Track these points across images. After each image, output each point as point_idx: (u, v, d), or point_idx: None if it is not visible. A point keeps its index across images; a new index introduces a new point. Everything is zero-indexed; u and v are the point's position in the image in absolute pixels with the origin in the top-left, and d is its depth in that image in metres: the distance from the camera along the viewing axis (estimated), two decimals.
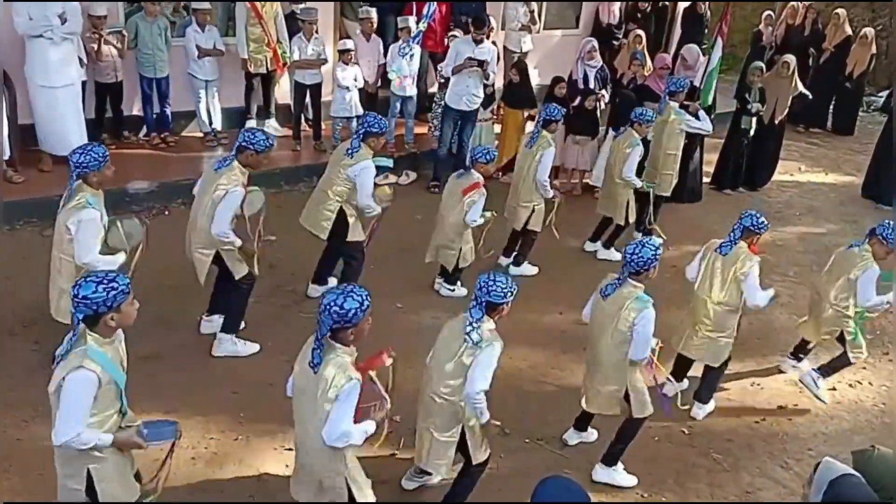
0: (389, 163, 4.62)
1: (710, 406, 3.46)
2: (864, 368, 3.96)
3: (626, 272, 2.68)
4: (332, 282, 3.94)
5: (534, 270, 4.45)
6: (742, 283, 3.12)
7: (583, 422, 3.14)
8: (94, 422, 1.96)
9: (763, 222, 3.20)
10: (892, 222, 3.40)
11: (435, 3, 5.45)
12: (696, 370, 3.54)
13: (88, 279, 1.94)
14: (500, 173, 5.79)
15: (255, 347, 3.48)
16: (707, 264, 3.23)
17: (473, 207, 3.82)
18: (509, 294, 2.40)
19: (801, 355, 3.84)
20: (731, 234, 3.21)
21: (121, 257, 2.95)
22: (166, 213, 4.79)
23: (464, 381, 2.42)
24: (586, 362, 2.95)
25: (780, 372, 3.87)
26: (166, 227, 4.36)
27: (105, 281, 1.93)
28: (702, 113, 5.05)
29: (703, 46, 5.83)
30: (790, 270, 4.96)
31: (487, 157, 3.84)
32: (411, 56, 5.46)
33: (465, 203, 3.82)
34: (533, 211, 4.26)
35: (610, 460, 2.97)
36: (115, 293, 1.93)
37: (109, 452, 2.02)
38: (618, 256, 4.66)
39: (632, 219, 4.68)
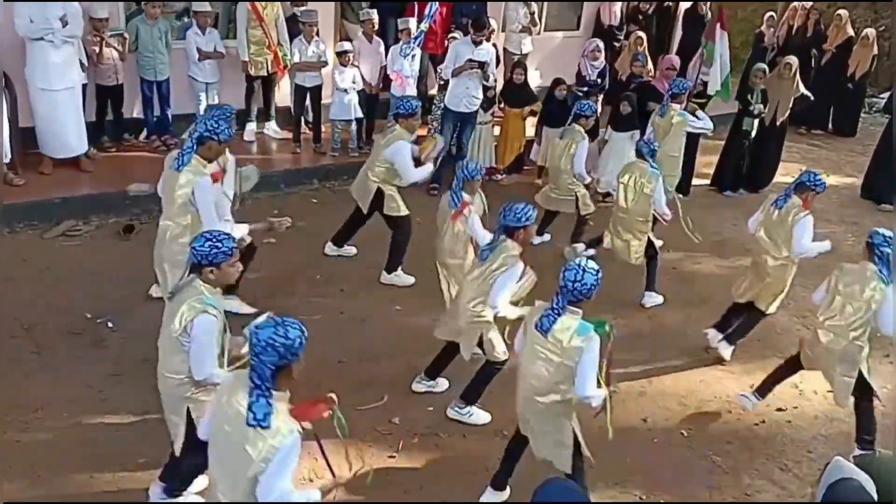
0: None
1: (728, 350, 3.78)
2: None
3: (563, 300, 2.39)
4: (351, 250, 4.27)
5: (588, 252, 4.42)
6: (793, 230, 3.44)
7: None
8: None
9: (821, 180, 3.49)
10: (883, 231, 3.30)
11: (437, 3, 5.48)
12: None
13: (203, 234, 2.23)
14: (503, 174, 5.85)
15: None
16: (766, 219, 3.60)
17: (474, 227, 3.42)
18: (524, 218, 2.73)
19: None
20: (787, 189, 3.55)
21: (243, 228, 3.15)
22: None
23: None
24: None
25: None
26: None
27: (218, 238, 2.21)
28: (700, 112, 5.08)
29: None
30: None
31: (479, 173, 3.44)
32: (413, 57, 5.51)
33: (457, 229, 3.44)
34: (577, 198, 4.48)
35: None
36: (228, 241, 2.22)
37: (206, 394, 2.27)
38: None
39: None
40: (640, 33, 6.14)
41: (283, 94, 5.83)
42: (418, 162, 3.95)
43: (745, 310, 3.79)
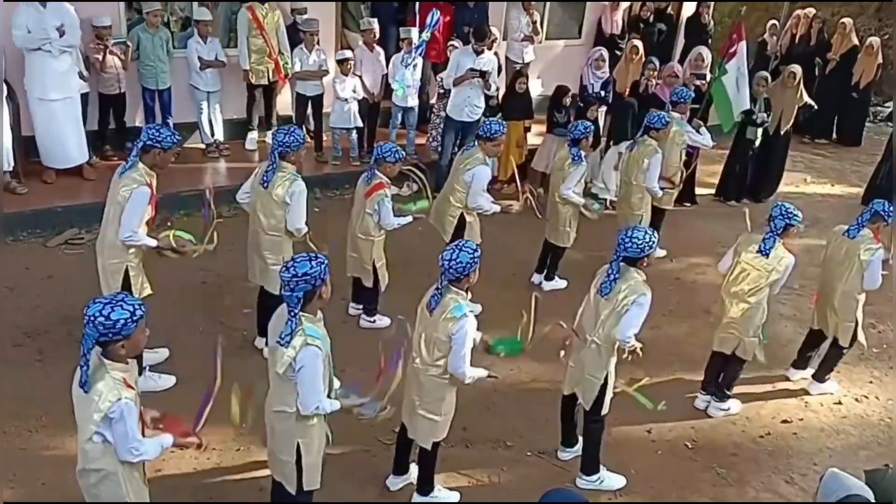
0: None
1: (831, 385, 3.83)
2: (871, 383, 4.02)
3: (444, 280, 2.51)
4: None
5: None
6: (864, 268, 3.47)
7: (569, 436, 3.18)
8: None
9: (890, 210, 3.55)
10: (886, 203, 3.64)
11: (439, 12, 5.58)
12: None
13: (297, 259, 2.20)
14: (504, 185, 5.92)
15: (171, 381, 3.29)
16: (833, 249, 3.60)
17: (383, 211, 3.55)
18: (647, 247, 2.74)
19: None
20: (859, 219, 3.56)
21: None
22: (168, 224, 4.90)
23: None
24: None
25: (787, 379, 3.95)
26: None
27: (313, 257, 2.22)
28: (704, 129, 5.14)
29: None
30: (795, 283, 4.98)
31: (396, 155, 3.57)
32: (414, 66, 5.61)
33: (368, 206, 3.56)
34: (641, 220, 4.44)
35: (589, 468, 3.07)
36: (325, 266, 2.22)
37: (317, 426, 2.35)
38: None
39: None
40: (637, 42, 6.21)
41: (284, 103, 5.93)
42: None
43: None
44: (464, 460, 3.14)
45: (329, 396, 2.33)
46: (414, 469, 2.93)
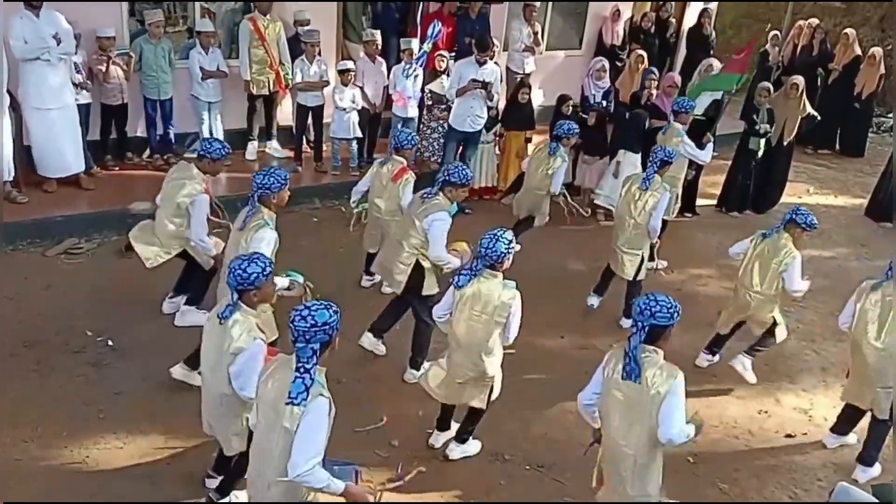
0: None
1: (877, 470, 3.33)
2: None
3: (481, 264, 2.83)
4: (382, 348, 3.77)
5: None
6: None
7: (444, 421, 3.22)
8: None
9: (814, 223, 3.53)
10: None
11: (440, 24, 5.66)
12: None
13: (314, 308, 2.01)
14: (503, 196, 5.96)
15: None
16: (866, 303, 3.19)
17: (405, 195, 3.86)
18: (676, 314, 2.27)
19: (716, 349, 4.04)
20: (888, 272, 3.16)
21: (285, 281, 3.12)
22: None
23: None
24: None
25: (790, 393, 3.94)
26: None
27: (329, 305, 2.05)
28: (710, 145, 5.12)
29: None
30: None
31: (412, 142, 3.99)
32: (415, 77, 5.68)
33: (397, 189, 3.89)
34: (642, 260, 4.12)
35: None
36: (340, 314, 2.06)
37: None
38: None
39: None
40: (641, 52, 6.29)
41: (284, 113, 6.00)
42: None
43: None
44: (461, 472, 3.15)
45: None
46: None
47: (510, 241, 2.80)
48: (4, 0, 4.24)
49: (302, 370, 1.98)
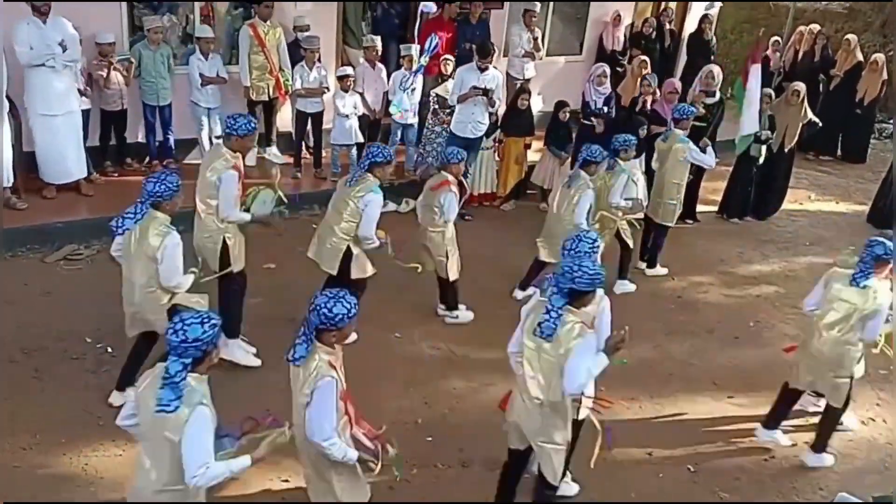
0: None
1: (828, 460, 3.44)
2: (878, 405, 4.03)
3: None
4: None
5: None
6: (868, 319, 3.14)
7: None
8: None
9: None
10: None
11: (437, 38, 5.64)
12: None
13: (188, 321, 2.02)
14: (502, 202, 6.00)
15: (258, 361, 3.66)
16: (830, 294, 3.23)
17: (449, 205, 3.96)
18: (597, 281, 2.40)
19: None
20: (862, 265, 3.18)
21: (190, 278, 3.16)
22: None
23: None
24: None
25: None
26: None
27: (205, 319, 2.06)
28: (710, 149, 5.17)
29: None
30: (799, 302, 5.04)
31: (458, 156, 4.03)
32: (412, 90, 5.67)
33: (434, 200, 3.98)
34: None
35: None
36: (217, 328, 2.08)
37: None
38: (632, 287, 4.81)
39: (630, 242, 4.72)
40: (644, 57, 6.34)
41: (284, 119, 6.05)
42: None
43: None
44: (460, 481, 3.17)
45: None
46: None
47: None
48: (8, 0, 4.27)
49: (171, 382, 2.01)
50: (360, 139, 5.77)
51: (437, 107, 5.80)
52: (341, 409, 2.32)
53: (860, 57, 7.82)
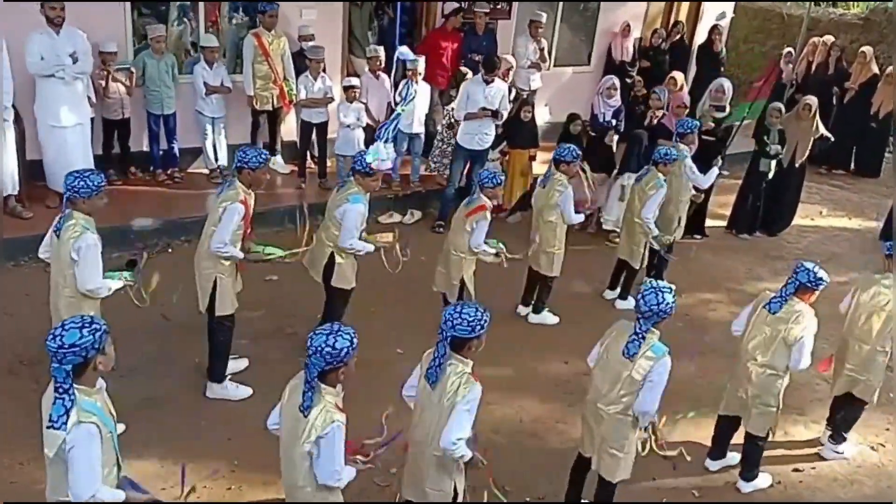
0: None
1: (764, 481, 3.45)
2: (888, 430, 4.01)
3: (645, 323, 2.70)
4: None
5: (555, 319, 4.61)
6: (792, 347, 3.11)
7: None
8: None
9: (821, 278, 3.12)
10: None
11: (413, 90, 5.47)
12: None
13: (67, 326, 2.00)
14: (508, 214, 6.01)
15: (248, 391, 3.63)
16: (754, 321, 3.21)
17: (477, 231, 3.89)
18: (479, 327, 2.35)
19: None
20: (783, 290, 3.16)
21: (113, 284, 3.10)
22: (169, 250, 5.04)
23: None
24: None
25: (797, 424, 3.93)
26: (168, 264, 4.59)
27: (86, 323, 2.01)
28: (713, 170, 5.14)
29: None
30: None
31: (494, 181, 3.90)
32: (389, 140, 5.50)
33: (467, 224, 3.93)
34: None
35: None
36: (100, 333, 2.02)
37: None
38: (632, 303, 4.81)
39: (645, 262, 4.79)
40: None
41: (288, 129, 6.11)
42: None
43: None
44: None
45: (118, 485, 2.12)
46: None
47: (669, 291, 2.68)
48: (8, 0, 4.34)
49: (60, 391, 1.96)
50: (364, 149, 5.81)
51: (453, 121, 5.84)
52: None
53: (876, 69, 7.79)
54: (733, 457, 3.55)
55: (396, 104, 5.49)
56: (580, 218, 4.51)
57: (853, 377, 3.55)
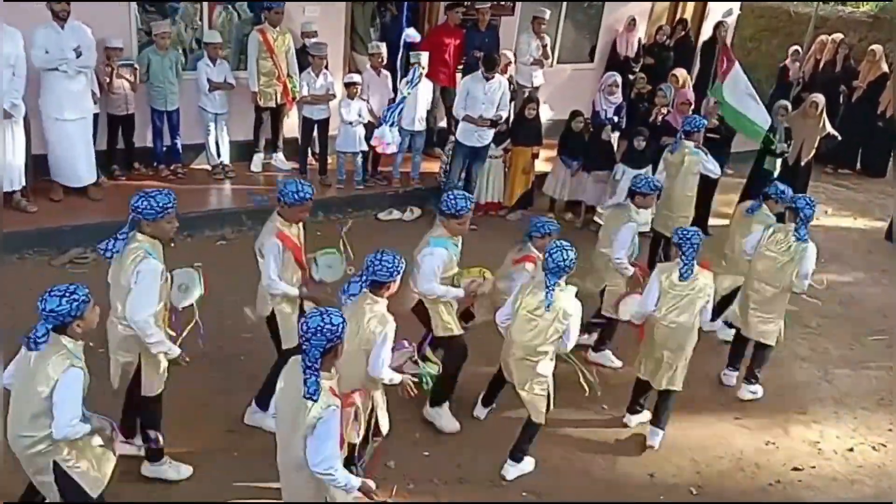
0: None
1: (528, 465, 3.38)
2: (890, 430, 3.99)
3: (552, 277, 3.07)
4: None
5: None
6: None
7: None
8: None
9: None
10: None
11: (420, 68, 5.48)
12: None
13: (52, 293, 2.33)
14: (509, 212, 6.02)
15: (189, 471, 3.14)
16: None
17: (516, 280, 3.44)
18: (395, 273, 2.72)
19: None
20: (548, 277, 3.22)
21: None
22: (171, 245, 5.07)
23: None
24: None
25: (800, 423, 3.92)
26: (171, 259, 4.63)
27: (67, 293, 2.33)
28: (710, 156, 5.13)
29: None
30: (813, 322, 4.99)
31: (544, 229, 3.50)
32: (392, 124, 5.45)
33: (514, 271, 3.53)
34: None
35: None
36: (78, 303, 2.32)
37: (78, 445, 2.47)
38: None
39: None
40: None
41: (290, 126, 6.13)
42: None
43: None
44: (457, 497, 3.19)
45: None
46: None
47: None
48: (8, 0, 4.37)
49: (35, 343, 2.35)
50: (365, 147, 5.84)
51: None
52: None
53: (885, 68, 7.71)
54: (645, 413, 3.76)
55: (408, 83, 5.46)
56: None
57: (762, 317, 3.94)
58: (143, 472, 3.09)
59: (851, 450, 3.80)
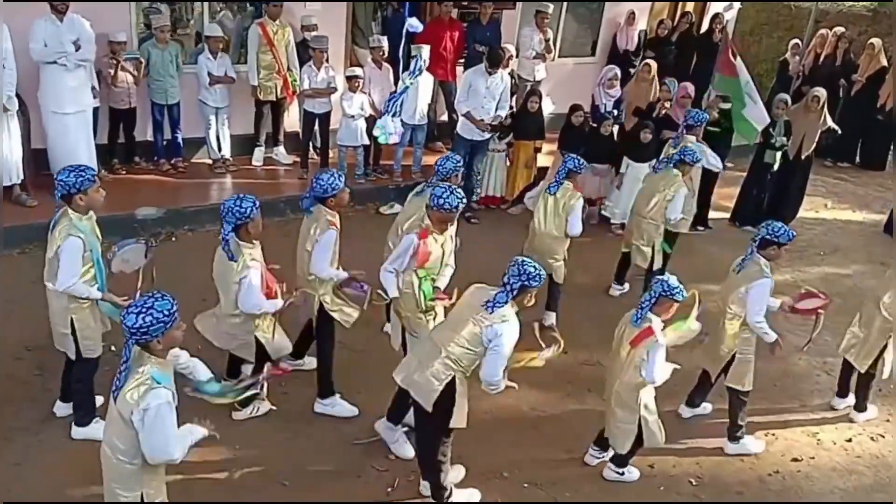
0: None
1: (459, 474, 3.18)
2: (888, 421, 4.00)
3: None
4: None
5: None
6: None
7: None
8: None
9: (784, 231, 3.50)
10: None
11: (422, 60, 5.48)
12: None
13: (65, 168, 2.80)
14: (510, 205, 6.02)
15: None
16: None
17: (655, 361, 3.08)
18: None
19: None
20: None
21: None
22: (173, 239, 5.07)
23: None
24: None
25: (797, 412, 3.95)
26: (173, 253, 4.64)
27: (76, 170, 2.79)
28: (710, 151, 5.17)
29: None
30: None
31: (674, 291, 3.04)
32: (394, 115, 5.46)
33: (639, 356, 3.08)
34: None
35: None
36: (83, 179, 2.78)
37: (88, 306, 2.95)
38: (626, 287, 4.90)
39: (657, 264, 4.67)
40: (650, 62, 6.25)
41: (291, 120, 6.13)
42: None
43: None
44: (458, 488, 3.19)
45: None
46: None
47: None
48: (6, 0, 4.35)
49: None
50: (367, 140, 5.82)
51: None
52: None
53: (885, 62, 7.71)
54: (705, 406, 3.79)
55: (410, 73, 5.45)
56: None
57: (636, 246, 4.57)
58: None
59: (850, 440, 3.81)
